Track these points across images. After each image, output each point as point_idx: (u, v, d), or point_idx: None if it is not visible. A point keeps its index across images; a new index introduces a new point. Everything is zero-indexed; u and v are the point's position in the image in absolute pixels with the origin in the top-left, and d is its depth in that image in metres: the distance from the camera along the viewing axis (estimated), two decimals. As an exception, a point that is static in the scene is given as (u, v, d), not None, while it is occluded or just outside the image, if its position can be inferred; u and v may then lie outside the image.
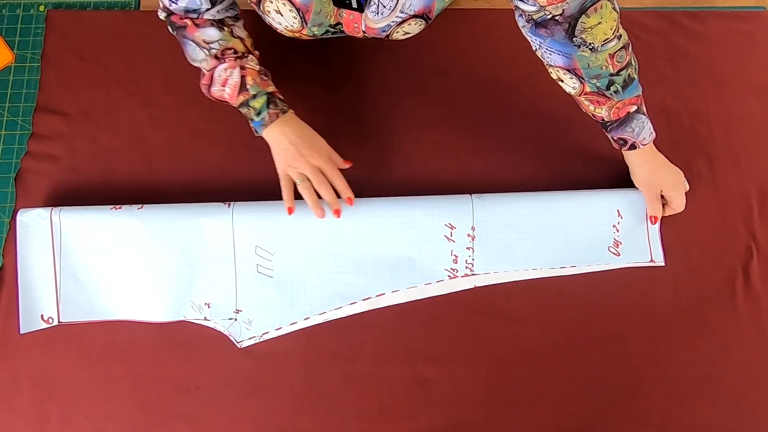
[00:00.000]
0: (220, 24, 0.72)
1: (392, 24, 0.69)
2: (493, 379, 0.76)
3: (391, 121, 0.85)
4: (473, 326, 0.78)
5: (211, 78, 0.72)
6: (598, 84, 0.69)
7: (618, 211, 0.79)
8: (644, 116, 0.73)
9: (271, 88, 0.74)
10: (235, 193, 0.80)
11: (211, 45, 0.71)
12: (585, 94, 0.71)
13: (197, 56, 0.72)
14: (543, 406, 0.76)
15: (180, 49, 0.74)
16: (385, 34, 0.72)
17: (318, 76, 0.86)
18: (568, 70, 0.69)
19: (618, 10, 0.64)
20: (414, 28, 0.71)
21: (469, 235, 0.78)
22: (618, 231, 0.79)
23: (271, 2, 0.66)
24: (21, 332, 0.74)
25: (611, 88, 0.69)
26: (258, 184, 0.81)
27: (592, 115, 0.74)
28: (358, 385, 0.76)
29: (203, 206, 0.78)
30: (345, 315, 0.77)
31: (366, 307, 0.77)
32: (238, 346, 0.76)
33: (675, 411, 0.76)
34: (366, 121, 0.85)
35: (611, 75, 0.68)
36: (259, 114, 0.72)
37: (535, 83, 0.84)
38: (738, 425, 0.75)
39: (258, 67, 0.74)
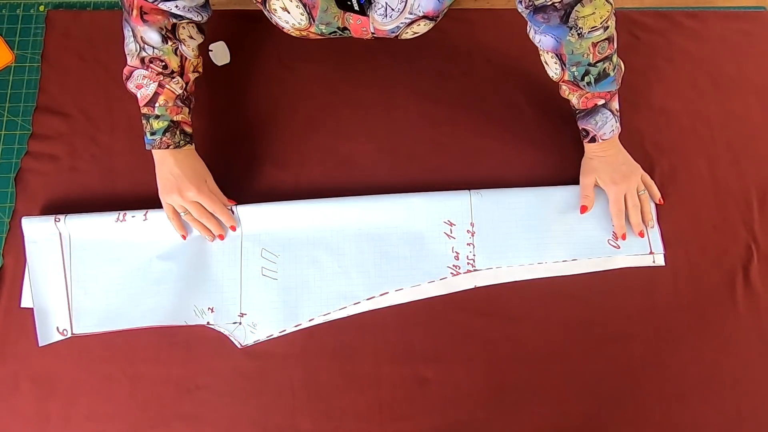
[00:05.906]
0: (168, 34, 0.70)
1: (401, 26, 0.69)
2: (493, 379, 0.76)
3: (391, 121, 0.85)
4: (473, 326, 0.77)
5: (131, 73, 0.72)
6: (575, 72, 0.71)
7: None
8: (609, 112, 0.75)
9: (179, 117, 0.73)
10: (235, 193, 0.80)
11: (145, 47, 0.69)
12: (563, 81, 0.74)
13: (128, 46, 0.71)
14: (543, 406, 0.76)
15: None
16: (394, 35, 0.72)
17: (318, 77, 0.86)
18: (555, 54, 0.71)
19: (611, 2, 0.66)
20: (423, 28, 0.71)
21: (468, 231, 0.78)
22: None
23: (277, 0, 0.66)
24: (39, 345, 0.74)
25: (585, 78, 0.71)
26: (258, 184, 0.82)
27: (568, 100, 0.76)
28: (358, 385, 0.76)
29: None
30: (348, 315, 0.77)
31: (369, 307, 0.77)
32: (240, 346, 0.76)
33: (675, 411, 0.76)
34: (366, 121, 0.84)
35: (589, 65, 0.70)
36: (153, 134, 0.72)
37: (534, 83, 0.84)
38: (738, 425, 0.75)
39: (179, 91, 0.72)
